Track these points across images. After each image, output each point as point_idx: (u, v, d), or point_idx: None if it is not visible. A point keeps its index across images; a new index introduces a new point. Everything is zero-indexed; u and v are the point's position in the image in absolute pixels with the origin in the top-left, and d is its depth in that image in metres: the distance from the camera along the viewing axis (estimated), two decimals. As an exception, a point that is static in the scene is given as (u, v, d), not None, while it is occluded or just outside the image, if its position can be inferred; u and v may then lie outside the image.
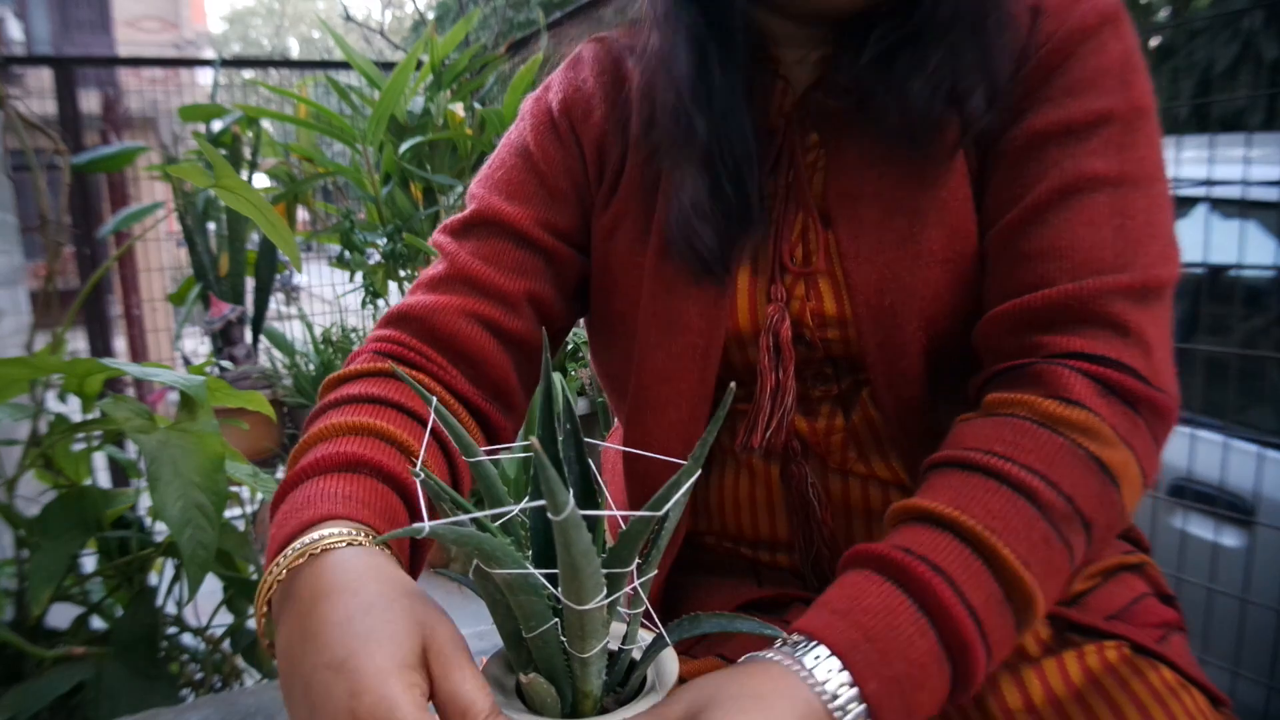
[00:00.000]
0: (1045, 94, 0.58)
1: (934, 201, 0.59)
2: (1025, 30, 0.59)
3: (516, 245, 0.65)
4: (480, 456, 0.39)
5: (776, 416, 0.61)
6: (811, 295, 0.61)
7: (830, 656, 0.42)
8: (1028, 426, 0.50)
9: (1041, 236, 0.55)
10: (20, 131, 1.28)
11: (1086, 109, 0.56)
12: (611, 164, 0.67)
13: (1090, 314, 0.53)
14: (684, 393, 0.63)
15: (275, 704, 0.78)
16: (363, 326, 3.29)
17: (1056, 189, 0.55)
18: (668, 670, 0.43)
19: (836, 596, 0.46)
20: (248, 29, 39.93)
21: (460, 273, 0.64)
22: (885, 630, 0.44)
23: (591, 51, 0.71)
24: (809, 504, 0.64)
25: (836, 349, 0.61)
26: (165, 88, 4.69)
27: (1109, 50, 0.58)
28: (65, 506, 1.01)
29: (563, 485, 0.35)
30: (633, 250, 0.65)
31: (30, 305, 2.16)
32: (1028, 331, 0.55)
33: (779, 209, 0.62)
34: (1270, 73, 3.38)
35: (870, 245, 0.59)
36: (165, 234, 4.72)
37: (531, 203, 0.66)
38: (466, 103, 2.91)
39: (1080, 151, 0.56)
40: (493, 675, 0.44)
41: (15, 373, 0.93)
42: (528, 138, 0.68)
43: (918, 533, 0.47)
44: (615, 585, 0.39)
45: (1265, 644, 1.33)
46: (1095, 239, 0.54)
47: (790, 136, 0.63)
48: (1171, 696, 0.54)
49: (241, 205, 1.08)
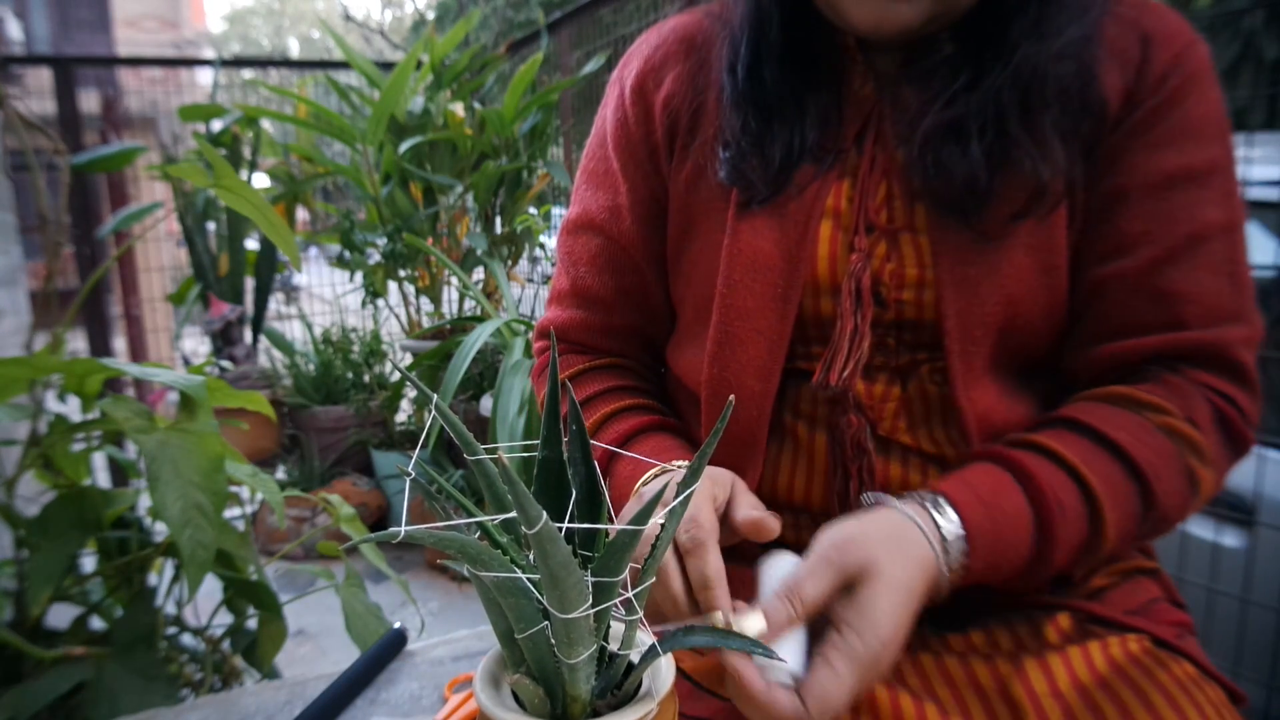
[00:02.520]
0: (1163, 134, 0.61)
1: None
2: (1135, 61, 0.61)
3: (605, 243, 0.75)
4: (480, 455, 0.39)
5: (854, 359, 0.63)
6: (892, 256, 0.63)
7: (951, 508, 0.55)
8: (1151, 429, 0.58)
9: (1172, 280, 0.60)
10: (20, 131, 1.28)
11: (1205, 157, 0.61)
12: (683, 121, 0.71)
13: (1221, 359, 0.61)
14: (764, 330, 0.65)
15: (275, 704, 0.78)
16: (362, 326, 3.29)
17: (1186, 236, 0.60)
18: (663, 677, 0.43)
19: (962, 472, 0.58)
20: (248, 29, 39.90)
21: (575, 285, 0.78)
22: (994, 499, 0.56)
23: (672, 21, 0.76)
24: (855, 466, 0.64)
25: (909, 311, 0.63)
26: (165, 88, 4.69)
27: (1213, 97, 0.62)
28: (65, 507, 1.01)
29: (532, 499, 0.34)
30: (715, 195, 0.68)
31: (30, 305, 2.16)
32: (1168, 366, 0.61)
33: (864, 174, 0.64)
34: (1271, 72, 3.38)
35: (955, 220, 0.61)
36: (165, 234, 4.72)
37: (608, 191, 0.75)
38: (466, 103, 2.91)
39: (1202, 199, 0.61)
40: (490, 673, 0.44)
41: (15, 373, 0.93)
42: (608, 124, 0.75)
43: (1031, 455, 0.58)
44: (606, 593, 0.39)
45: (1266, 644, 1.33)
46: (1218, 287, 0.60)
47: (879, 108, 0.65)
48: (1195, 688, 0.56)
49: (241, 205, 1.08)
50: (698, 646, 0.43)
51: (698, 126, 0.70)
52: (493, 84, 3.10)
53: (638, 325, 0.78)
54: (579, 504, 0.43)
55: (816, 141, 0.65)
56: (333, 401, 3.06)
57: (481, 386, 2.75)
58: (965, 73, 0.60)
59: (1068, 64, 0.59)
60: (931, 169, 0.60)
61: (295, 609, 1.24)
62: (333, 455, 3.04)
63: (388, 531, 0.36)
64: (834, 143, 0.66)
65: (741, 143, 0.66)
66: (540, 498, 0.36)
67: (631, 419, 0.72)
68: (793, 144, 0.65)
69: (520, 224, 2.99)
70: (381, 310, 3.15)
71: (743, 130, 0.66)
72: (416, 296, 3.12)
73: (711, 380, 0.67)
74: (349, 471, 3.02)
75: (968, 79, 0.60)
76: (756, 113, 0.66)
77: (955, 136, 0.60)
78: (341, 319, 3.30)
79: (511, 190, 2.96)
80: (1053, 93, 0.59)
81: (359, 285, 3.00)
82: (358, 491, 2.87)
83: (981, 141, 0.59)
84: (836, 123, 0.66)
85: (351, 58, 3.10)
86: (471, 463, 0.40)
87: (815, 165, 0.65)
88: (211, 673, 1.14)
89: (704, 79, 0.70)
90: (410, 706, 0.76)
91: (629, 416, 0.72)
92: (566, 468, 0.43)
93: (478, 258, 2.83)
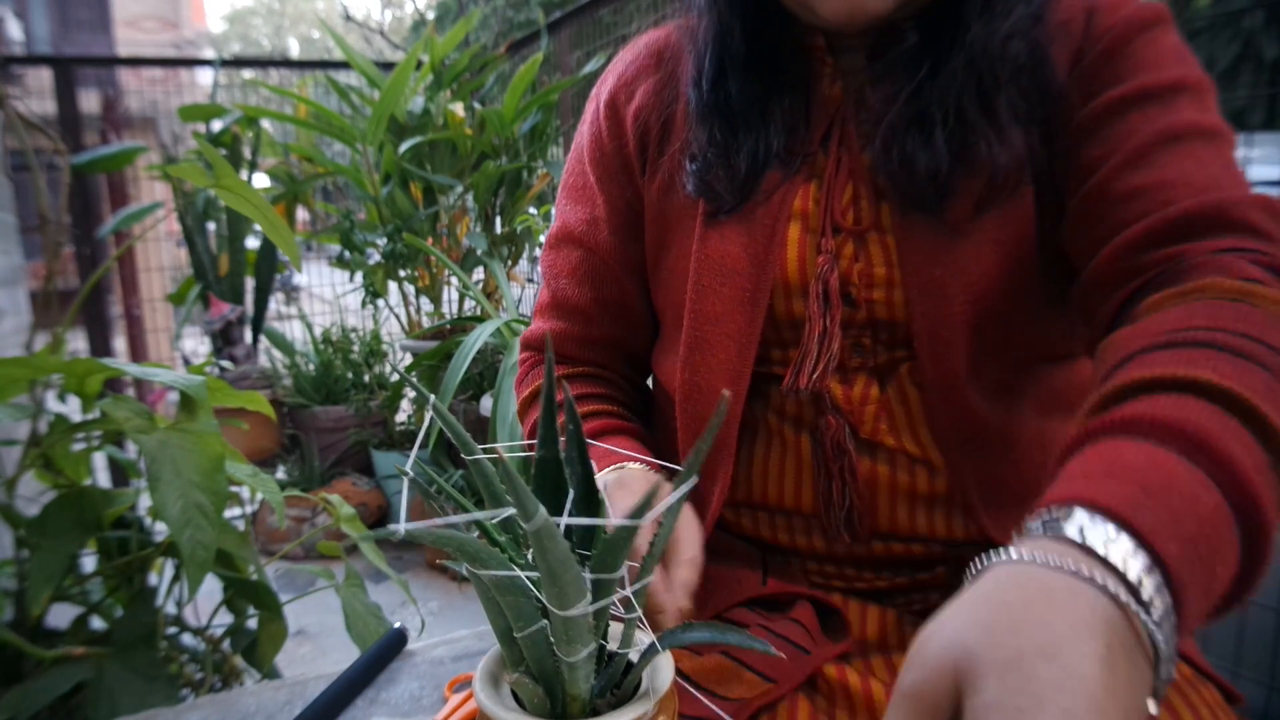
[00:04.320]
0: (1110, 75, 0.58)
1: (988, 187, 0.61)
2: (1080, 30, 0.60)
3: (584, 255, 0.76)
4: (478, 455, 0.39)
5: (823, 361, 0.62)
6: (860, 256, 0.63)
7: (1104, 521, 0.32)
8: (1219, 304, 0.45)
9: (1149, 175, 0.54)
10: (20, 131, 1.28)
11: (1159, 78, 0.57)
12: (654, 133, 0.72)
13: (1230, 221, 0.50)
14: (733, 334, 0.65)
15: (275, 704, 0.78)
16: (362, 327, 3.29)
17: (1157, 134, 0.55)
18: (662, 676, 0.43)
19: (1081, 466, 0.36)
20: (248, 29, 39.90)
21: (555, 298, 0.78)
22: (1162, 485, 0.34)
23: (647, 35, 0.77)
24: (836, 467, 0.64)
25: (880, 311, 0.63)
26: (165, 88, 4.69)
27: (1165, 40, 0.60)
28: (65, 507, 1.01)
29: (530, 494, 0.34)
30: (686, 205, 0.69)
31: (30, 305, 2.16)
32: (1165, 245, 0.52)
33: (830, 175, 0.64)
34: (1270, 72, 3.38)
35: (922, 218, 0.61)
36: (165, 234, 4.72)
37: (586, 204, 0.76)
38: (466, 103, 2.91)
39: (1168, 109, 0.56)
40: (490, 673, 0.44)
41: (15, 373, 0.93)
42: (585, 139, 0.76)
43: (1154, 401, 0.38)
44: (604, 590, 0.39)
45: (1265, 644, 1.33)
46: (1208, 173, 0.53)
47: (844, 110, 0.65)
48: (1190, 688, 0.56)
49: (241, 205, 1.08)
50: (697, 643, 0.43)
51: (667, 138, 0.71)
52: (493, 84, 3.10)
53: (616, 336, 0.78)
54: (576, 503, 0.43)
55: (783, 146, 0.66)
56: (333, 401, 3.07)
57: (481, 386, 2.75)
58: (926, 62, 0.60)
59: (1017, 42, 0.59)
60: (896, 162, 0.60)
61: (295, 609, 1.24)
62: (333, 455, 3.04)
63: (386, 529, 0.36)
64: (801, 146, 0.66)
65: (708, 155, 0.66)
66: (538, 497, 0.36)
67: (594, 421, 0.73)
68: (758, 152, 0.65)
69: (520, 224, 2.99)
70: (381, 310, 3.15)
71: (709, 143, 0.66)
72: (416, 296, 3.12)
73: (684, 384, 0.68)
74: (349, 471, 3.02)
75: (929, 68, 0.60)
76: (722, 124, 0.66)
77: (919, 127, 0.60)
78: (341, 319, 3.30)
79: (511, 190, 2.96)
80: (1006, 74, 0.59)
81: (359, 285, 3.00)
82: (358, 491, 2.87)
83: (944, 129, 0.59)
84: (804, 126, 0.66)
85: (351, 58, 3.10)
86: (469, 462, 0.40)
87: (782, 170, 0.65)
88: (211, 673, 1.14)
89: (672, 91, 0.71)
90: (410, 706, 0.76)
91: (591, 420, 0.73)
92: (564, 467, 0.43)
93: (478, 258, 2.83)
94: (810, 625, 0.62)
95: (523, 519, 0.35)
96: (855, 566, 0.66)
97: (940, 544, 0.64)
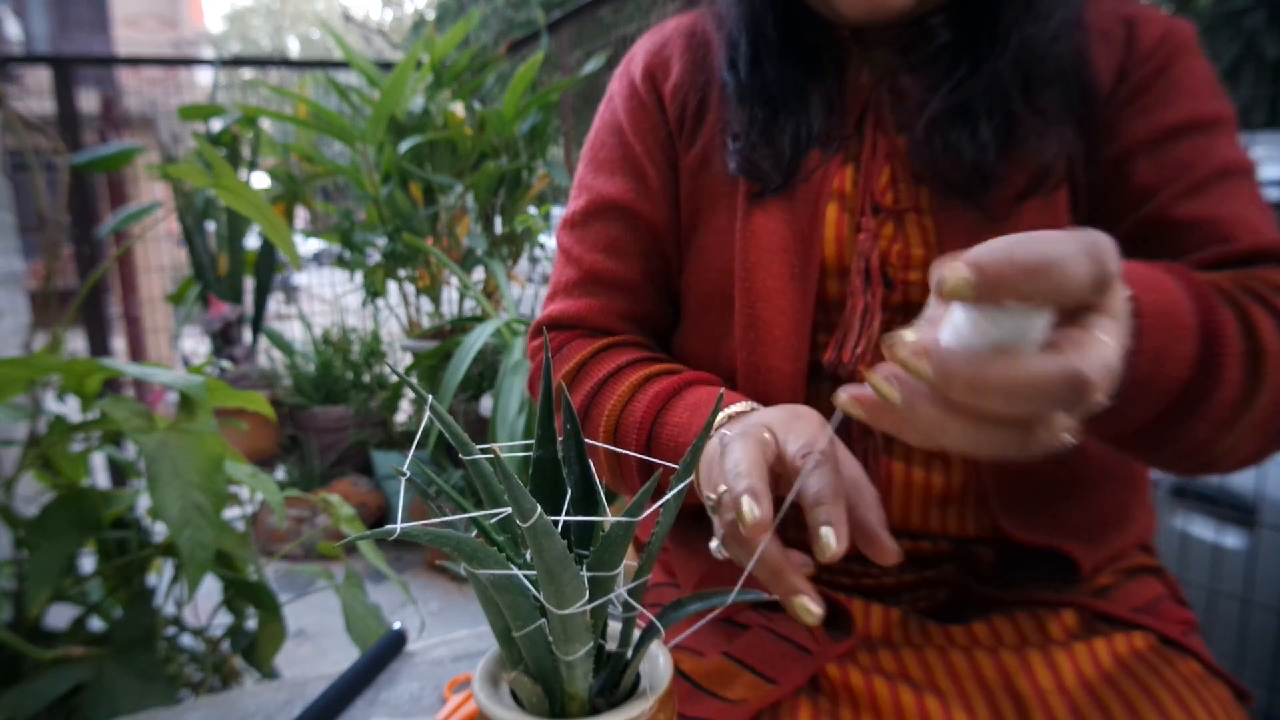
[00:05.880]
0: (1158, 98, 0.62)
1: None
2: (1121, 41, 0.63)
3: (629, 227, 0.73)
4: (476, 455, 0.39)
5: (865, 337, 0.62)
6: (899, 237, 0.63)
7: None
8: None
9: (1208, 208, 0.59)
10: (19, 131, 1.28)
11: (1205, 110, 0.62)
12: (691, 109, 0.72)
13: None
14: (786, 310, 0.65)
15: (275, 704, 0.78)
16: (362, 326, 3.29)
17: (1214, 170, 0.60)
18: (661, 673, 0.43)
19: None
20: (247, 29, 39.91)
21: (589, 274, 0.73)
22: (1163, 286, 0.46)
23: (672, 21, 0.77)
24: (857, 446, 0.64)
25: (916, 294, 0.63)
26: (164, 87, 4.69)
27: (1201, 65, 0.64)
28: (64, 507, 1.01)
29: (527, 493, 0.34)
30: (721, 184, 0.69)
31: (29, 305, 2.15)
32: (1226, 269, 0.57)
33: (867, 158, 0.65)
34: (1272, 72, 3.38)
35: (961, 203, 0.62)
36: (165, 234, 4.72)
37: (631, 175, 0.73)
38: (466, 103, 2.91)
39: (1214, 145, 0.61)
40: (489, 672, 0.44)
41: (14, 373, 0.93)
42: (619, 114, 0.75)
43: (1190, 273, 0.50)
44: (602, 588, 0.39)
45: (1267, 644, 1.33)
46: (1259, 216, 0.59)
47: (876, 95, 0.66)
48: (1201, 685, 0.56)
49: (241, 205, 1.08)
50: (694, 612, 0.42)
51: (703, 116, 0.71)
52: (493, 84, 3.10)
53: (659, 314, 0.75)
54: (574, 503, 0.43)
55: (822, 129, 0.66)
56: (332, 401, 3.07)
57: (481, 386, 2.75)
58: (965, 59, 0.62)
59: (1063, 44, 0.61)
60: (940, 152, 0.61)
61: (295, 609, 1.24)
62: (332, 455, 3.04)
63: (384, 528, 0.36)
64: (838, 130, 0.67)
65: (750, 134, 0.67)
66: (535, 497, 0.35)
67: (672, 378, 0.67)
68: (800, 133, 0.66)
69: (520, 224, 2.99)
70: (381, 310, 3.15)
71: (750, 123, 0.67)
72: (416, 296, 3.12)
73: (745, 364, 0.67)
74: (349, 471, 3.02)
75: (968, 65, 0.62)
76: (762, 105, 0.67)
77: (963, 120, 0.61)
78: (341, 319, 3.30)
79: (511, 190, 2.96)
80: (1052, 73, 0.61)
81: (359, 285, 3.00)
82: (357, 492, 2.87)
83: (990, 123, 0.60)
84: (840, 110, 0.67)
85: (351, 58, 3.09)
86: (467, 462, 0.40)
87: (821, 151, 0.66)
88: (211, 673, 1.14)
89: (705, 74, 0.72)
90: (410, 706, 0.76)
91: (668, 377, 0.67)
92: (561, 467, 0.43)
93: (478, 258, 2.83)
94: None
95: (519, 517, 0.34)
96: (863, 563, 0.66)
97: (949, 541, 0.64)
